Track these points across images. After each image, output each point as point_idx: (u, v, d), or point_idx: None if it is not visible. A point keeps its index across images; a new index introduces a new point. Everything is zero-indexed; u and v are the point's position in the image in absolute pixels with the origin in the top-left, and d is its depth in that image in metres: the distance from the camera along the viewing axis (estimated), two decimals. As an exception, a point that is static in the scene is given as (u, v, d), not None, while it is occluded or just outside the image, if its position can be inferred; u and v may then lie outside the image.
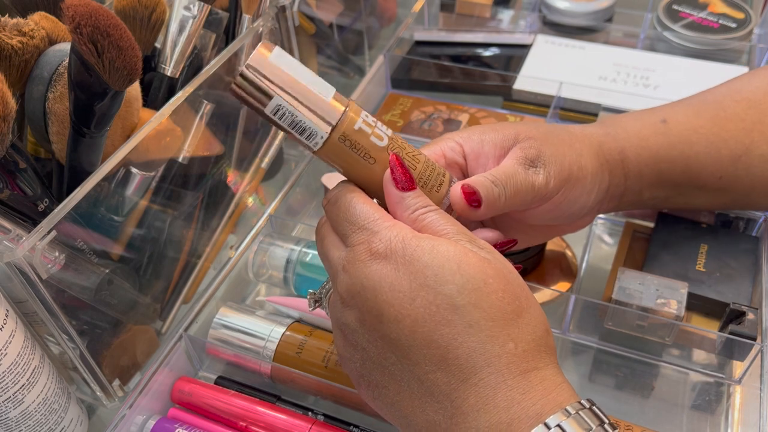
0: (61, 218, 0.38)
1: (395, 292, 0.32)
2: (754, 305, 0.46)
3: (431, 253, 0.32)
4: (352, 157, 0.34)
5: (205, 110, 0.49)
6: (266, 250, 0.54)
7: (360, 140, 0.34)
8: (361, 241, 0.33)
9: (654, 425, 0.44)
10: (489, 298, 0.31)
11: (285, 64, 0.33)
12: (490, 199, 0.37)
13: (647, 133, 0.44)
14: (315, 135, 0.34)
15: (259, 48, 0.33)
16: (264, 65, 0.32)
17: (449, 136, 0.41)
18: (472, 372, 0.30)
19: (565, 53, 0.74)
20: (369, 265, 0.32)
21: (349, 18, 0.73)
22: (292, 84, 0.33)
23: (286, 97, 0.33)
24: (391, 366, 0.32)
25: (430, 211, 0.34)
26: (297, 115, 0.33)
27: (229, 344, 0.48)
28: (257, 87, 0.32)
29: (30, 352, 0.39)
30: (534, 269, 0.52)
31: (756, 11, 0.77)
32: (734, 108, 0.45)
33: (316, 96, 0.33)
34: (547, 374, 0.31)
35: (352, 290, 0.33)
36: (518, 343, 0.31)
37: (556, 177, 0.39)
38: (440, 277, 0.31)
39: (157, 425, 0.44)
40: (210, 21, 0.50)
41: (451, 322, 0.31)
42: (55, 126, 0.40)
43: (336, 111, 0.34)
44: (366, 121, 0.34)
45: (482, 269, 0.31)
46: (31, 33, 0.39)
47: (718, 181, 0.45)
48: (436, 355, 0.31)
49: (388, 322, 0.32)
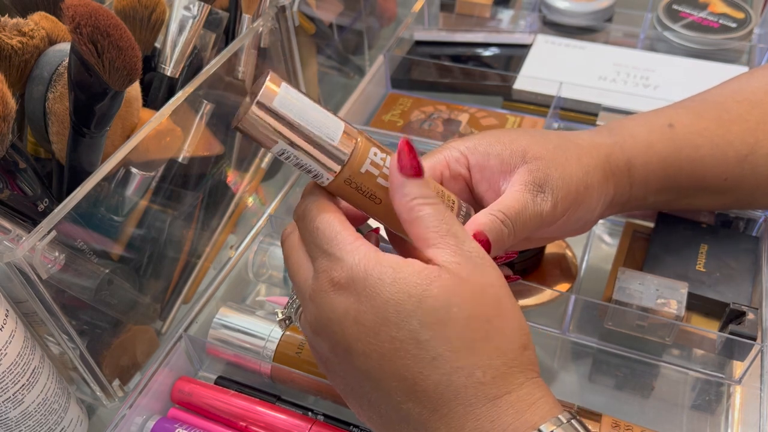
0: (61, 218, 0.38)
1: (359, 326, 0.31)
2: (754, 305, 0.46)
3: (393, 285, 0.31)
4: (359, 197, 0.34)
5: (205, 110, 0.49)
6: (266, 250, 0.54)
7: (366, 182, 0.34)
8: (324, 268, 0.32)
9: (654, 425, 0.44)
10: (453, 329, 0.30)
11: (291, 103, 0.32)
12: (498, 241, 0.36)
13: (654, 140, 0.44)
14: (321, 176, 0.33)
15: (267, 84, 0.32)
16: (271, 105, 0.32)
17: (454, 145, 0.40)
18: (441, 403, 0.31)
19: (565, 53, 0.74)
20: (333, 297, 0.32)
21: (349, 18, 0.73)
22: (297, 130, 0.32)
23: (290, 142, 0.32)
24: (368, 394, 0.33)
25: (426, 203, 0.33)
26: (301, 159, 0.33)
27: (229, 344, 0.48)
28: (263, 129, 0.32)
29: (30, 352, 0.39)
30: (534, 269, 0.52)
31: (756, 11, 0.77)
32: (737, 109, 0.45)
33: (321, 140, 0.33)
34: (520, 395, 0.31)
35: (320, 322, 0.33)
36: (486, 370, 0.30)
37: (563, 201, 0.39)
38: (402, 313, 0.30)
39: (157, 425, 0.44)
40: (210, 21, 0.50)
41: (416, 357, 0.30)
42: (55, 126, 0.40)
43: (342, 153, 0.33)
44: (374, 161, 0.34)
45: (446, 299, 0.30)
46: (31, 33, 0.39)
47: (723, 182, 0.45)
48: (406, 386, 0.31)
49: (357, 355, 0.32)
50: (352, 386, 0.33)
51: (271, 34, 0.56)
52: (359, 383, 0.33)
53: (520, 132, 0.41)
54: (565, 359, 0.50)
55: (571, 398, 0.44)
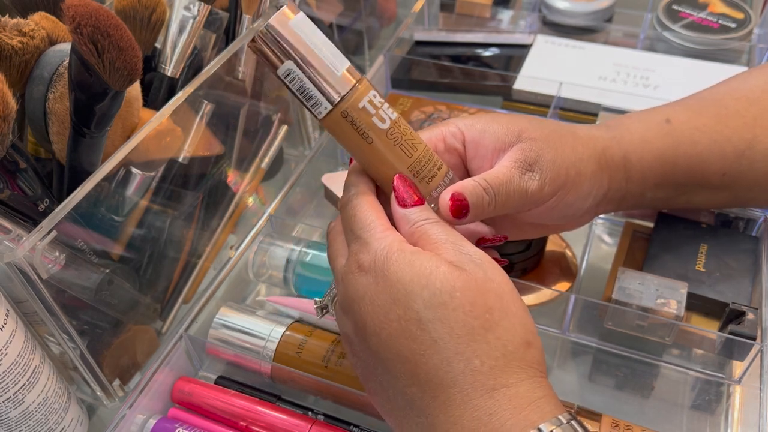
0: (61, 218, 0.38)
1: (374, 305, 0.33)
2: (754, 305, 0.46)
3: (407, 267, 0.32)
4: (352, 133, 0.35)
5: (205, 110, 0.49)
6: (266, 250, 0.54)
7: (361, 118, 0.35)
8: (354, 251, 0.34)
9: (654, 425, 0.44)
10: (455, 312, 0.31)
11: (304, 30, 0.34)
12: (478, 206, 0.37)
13: (651, 135, 0.44)
14: (319, 105, 0.35)
15: (283, 9, 0.33)
16: (284, 28, 0.33)
17: (453, 121, 0.41)
18: (440, 389, 0.31)
19: (565, 53, 0.74)
20: (357, 277, 0.34)
21: (349, 18, 0.73)
22: (307, 52, 0.34)
23: (298, 64, 0.34)
24: (380, 376, 0.33)
25: (426, 223, 0.35)
26: (305, 83, 0.34)
27: (229, 344, 0.48)
28: (274, 47, 0.33)
29: (30, 352, 0.39)
30: (534, 269, 0.52)
31: (756, 11, 0.78)
32: (735, 105, 0.45)
33: (327, 67, 0.34)
34: (519, 391, 0.31)
35: (346, 301, 0.35)
36: (485, 359, 0.31)
37: (551, 183, 0.39)
38: (410, 292, 0.32)
39: (157, 425, 0.44)
40: (210, 21, 0.50)
41: (417, 338, 0.31)
42: (56, 126, 0.40)
43: (344, 85, 0.34)
44: (372, 101, 0.35)
45: (450, 282, 0.31)
46: (31, 33, 0.39)
47: (721, 178, 0.45)
48: (409, 369, 0.32)
49: (370, 335, 0.33)
50: (369, 368, 0.34)
51: (271, 34, 0.55)
52: (373, 365, 0.34)
53: (519, 115, 0.42)
54: (565, 359, 0.50)
55: (571, 398, 0.44)
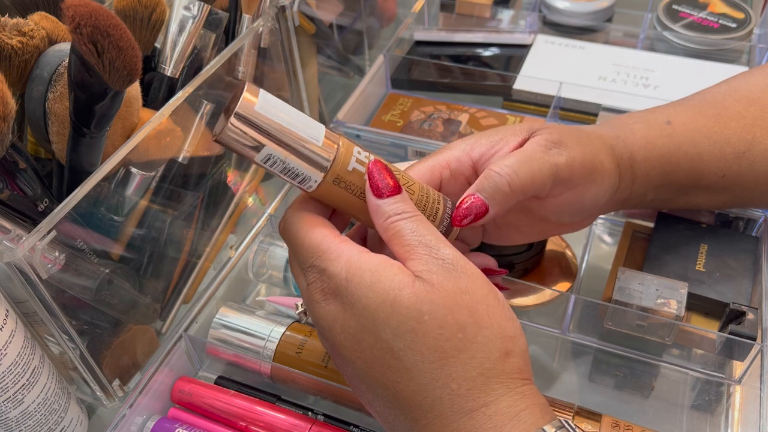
0: (61, 218, 0.38)
1: (346, 334, 0.32)
2: (754, 305, 0.46)
3: (370, 290, 0.31)
4: (347, 196, 0.34)
5: (205, 110, 0.49)
6: (266, 250, 0.54)
7: (354, 180, 0.34)
8: (311, 280, 0.33)
9: (654, 425, 0.44)
10: (425, 338, 0.30)
11: (272, 109, 0.32)
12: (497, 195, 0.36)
13: (653, 136, 0.44)
14: (308, 180, 0.33)
15: (244, 94, 0.31)
16: (251, 113, 0.31)
17: (456, 144, 0.40)
18: (420, 414, 0.31)
19: (565, 53, 0.74)
20: (323, 306, 0.33)
21: (349, 18, 0.73)
22: (282, 132, 0.32)
23: (275, 146, 0.32)
24: (365, 395, 0.34)
25: (401, 219, 0.33)
26: (289, 163, 0.33)
27: (229, 344, 0.48)
28: (246, 138, 0.31)
29: (30, 352, 0.39)
30: (534, 269, 0.52)
31: (756, 11, 0.77)
32: (735, 106, 0.45)
33: (307, 141, 0.33)
34: (500, 408, 0.30)
35: (319, 328, 0.34)
36: (461, 382, 0.30)
37: (581, 164, 0.38)
38: (377, 320, 0.31)
39: (157, 425, 0.44)
40: (210, 21, 0.50)
41: (392, 366, 0.31)
42: (55, 126, 0.40)
43: (327, 154, 0.33)
44: (359, 159, 0.34)
45: (416, 307, 0.30)
46: (31, 33, 0.39)
47: (721, 179, 0.45)
48: (389, 394, 0.32)
49: (347, 362, 0.33)
50: (355, 386, 0.34)
51: (271, 34, 0.56)
52: (358, 385, 0.34)
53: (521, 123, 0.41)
54: (564, 359, 0.50)
55: (571, 398, 0.44)
